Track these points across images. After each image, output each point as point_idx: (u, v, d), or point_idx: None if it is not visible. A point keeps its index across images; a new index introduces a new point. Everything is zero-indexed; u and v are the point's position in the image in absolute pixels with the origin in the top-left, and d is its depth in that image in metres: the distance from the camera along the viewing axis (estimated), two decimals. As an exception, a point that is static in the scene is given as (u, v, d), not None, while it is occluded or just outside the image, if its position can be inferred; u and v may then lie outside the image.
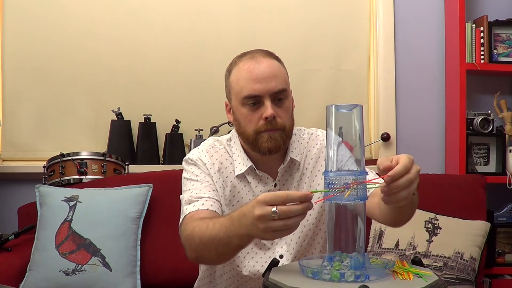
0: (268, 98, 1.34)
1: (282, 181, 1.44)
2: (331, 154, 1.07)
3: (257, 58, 1.37)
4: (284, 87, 1.37)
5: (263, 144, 1.35)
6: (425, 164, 2.71)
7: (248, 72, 1.34)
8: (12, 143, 2.62)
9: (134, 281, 2.01)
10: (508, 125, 2.65)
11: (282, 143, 1.37)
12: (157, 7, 2.68)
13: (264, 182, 1.43)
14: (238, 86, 1.36)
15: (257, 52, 1.39)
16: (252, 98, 1.34)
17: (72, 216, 2.02)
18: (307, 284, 0.98)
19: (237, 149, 1.44)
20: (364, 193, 1.05)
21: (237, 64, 1.39)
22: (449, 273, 2.01)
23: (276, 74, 1.36)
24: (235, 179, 1.43)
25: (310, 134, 1.52)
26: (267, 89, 1.33)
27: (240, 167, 1.42)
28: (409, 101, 2.77)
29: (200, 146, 1.49)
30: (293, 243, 1.44)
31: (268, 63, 1.36)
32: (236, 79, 1.37)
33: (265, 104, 1.33)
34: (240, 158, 1.43)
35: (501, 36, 2.65)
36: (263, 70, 1.34)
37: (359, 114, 1.08)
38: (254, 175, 1.43)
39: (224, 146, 1.47)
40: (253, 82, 1.33)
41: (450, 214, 2.16)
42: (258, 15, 2.72)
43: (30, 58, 2.62)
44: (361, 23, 2.78)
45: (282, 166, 1.42)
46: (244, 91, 1.34)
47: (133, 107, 2.63)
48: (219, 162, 1.44)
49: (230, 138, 1.49)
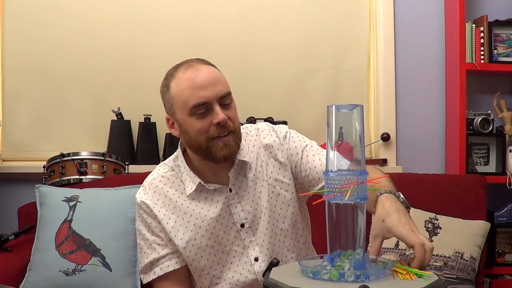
0: (216, 103, 1.31)
1: (237, 184, 1.42)
2: (331, 154, 1.07)
3: (194, 66, 1.33)
4: (229, 90, 1.35)
5: (218, 153, 1.33)
6: (425, 164, 2.73)
7: (191, 81, 1.31)
8: (12, 143, 2.62)
9: (134, 281, 2.01)
10: (508, 125, 2.65)
11: (237, 147, 1.36)
12: (157, 7, 2.68)
13: (218, 192, 1.41)
14: (182, 97, 1.31)
15: (192, 61, 1.36)
16: (200, 106, 1.30)
17: (72, 216, 2.02)
18: (307, 284, 0.98)
19: (185, 168, 1.42)
20: (364, 193, 1.05)
21: (174, 76, 1.34)
22: (449, 273, 2.01)
23: (218, 79, 1.34)
24: (187, 200, 1.42)
25: (257, 129, 1.49)
26: (214, 94, 1.31)
27: (190, 186, 1.40)
28: (409, 101, 2.77)
29: (144, 182, 1.48)
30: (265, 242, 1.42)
31: (207, 69, 1.34)
32: (178, 91, 1.32)
33: (214, 110, 1.31)
34: (189, 177, 1.41)
35: (501, 36, 2.65)
36: (205, 76, 1.31)
37: (359, 114, 1.08)
38: (206, 190, 1.41)
39: (171, 167, 1.46)
40: (198, 90, 1.30)
41: (450, 214, 2.16)
42: (258, 15, 2.72)
43: (30, 58, 2.62)
44: (361, 23, 2.78)
45: (232, 170, 1.40)
46: (191, 101, 1.30)
47: (133, 107, 2.63)
48: (164, 193, 1.43)
49: (177, 157, 1.46)
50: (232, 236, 1.42)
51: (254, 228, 1.42)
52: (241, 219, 1.42)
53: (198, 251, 1.41)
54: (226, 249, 1.42)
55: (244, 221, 1.42)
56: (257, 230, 1.42)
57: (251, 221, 1.42)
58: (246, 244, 1.42)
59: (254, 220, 1.42)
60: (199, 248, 1.41)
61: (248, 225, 1.42)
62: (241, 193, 1.42)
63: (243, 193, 1.42)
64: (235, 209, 1.42)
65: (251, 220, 1.42)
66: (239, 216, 1.42)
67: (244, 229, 1.42)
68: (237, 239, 1.42)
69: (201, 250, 1.41)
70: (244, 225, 1.42)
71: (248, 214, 1.42)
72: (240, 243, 1.42)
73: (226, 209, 1.41)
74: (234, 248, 1.43)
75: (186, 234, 1.40)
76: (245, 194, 1.42)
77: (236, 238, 1.42)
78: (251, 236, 1.42)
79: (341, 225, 1.06)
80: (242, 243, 1.42)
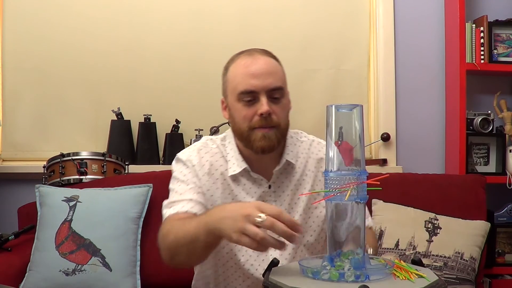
0: (264, 95, 1.32)
1: (278, 183, 1.43)
2: (331, 154, 1.07)
3: (254, 55, 1.36)
4: (281, 85, 1.36)
5: (256, 143, 1.33)
6: (425, 164, 2.73)
7: (245, 68, 1.34)
8: (12, 143, 2.62)
9: (134, 281, 2.01)
10: (508, 125, 2.65)
11: (277, 142, 1.35)
12: (157, 7, 2.68)
13: (258, 184, 1.41)
14: (234, 82, 1.36)
15: (255, 50, 1.39)
16: (248, 94, 1.33)
17: (72, 216, 2.02)
18: (307, 284, 0.98)
19: (232, 149, 1.42)
20: (364, 193, 1.05)
21: (234, 61, 1.39)
22: (449, 273, 2.01)
23: (273, 71, 1.35)
24: (227, 179, 1.41)
25: (312, 140, 1.51)
26: (263, 85, 1.32)
27: (234, 168, 1.40)
28: (409, 101, 2.77)
29: (192, 146, 1.47)
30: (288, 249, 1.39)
31: (265, 60, 1.35)
32: (233, 75, 1.37)
33: (260, 101, 1.32)
34: (235, 159, 1.41)
35: (501, 36, 2.65)
36: (260, 66, 1.33)
37: (359, 114, 1.08)
38: (248, 177, 1.41)
39: (218, 146, 1.45)
40: (249, 78, 1.32)
41: (450, 214, 2.16)
42: (258, 15, 2.72)
43: (30, 58, 2.62)
44: (361, 23, 2.78)
45: (277, 167, 1.41)
46: (240, 87, 1.33)
47: (133, 107, 2.63)
48: (209, 163, 1.42)
49: (225, 137, 1.47)
50: None
51: None
52: None
53: None
54: None
55: None
56: None
57: None
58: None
59: None
60: None
61: None
62: (278, 192, 1.42)
63: (280, 193, 1.42)
64: None
65: None
66: None
67: None
68: None
69: None
70: None
71: None
72: None
73: None
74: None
75: None
76: (282, 195, 1.42)
77: None
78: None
79: (341, 225, 1.06)
80: None
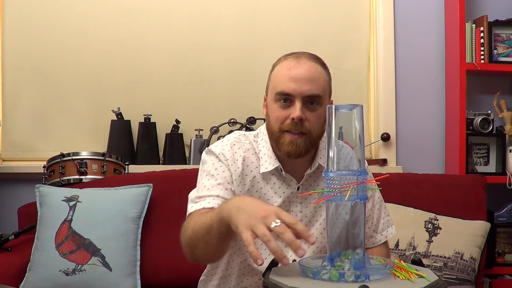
0: (300, 100, 1.32)
1: (306, 186, 1.42)
2: (331, 154, 1.07)
3: (300, 59, 1.36)
4: (320, 93, 1.34)
5: (284, 146, 1.33)
6: (425, 164, 2.73)
7: (287, 70, 1.34)
8: (12, 143, 2.62)
9: (134, 281, 2.01)
10: (508, 125, 2.65)
11: (304, 150, 1.34)
12: (157, 7, 2.68)
13: (287, 184, 1.41)
14: (275, 81, 1.37)
15: (304, 54, 1.38)
16: (283, 95, 1.33)
17: (72, 216, 2.02)
18: (307, 284, 0.98)
19: (264, 147, 1.42)
20: (364, 193, 1.05)
21: (281, 61, 1.40)
22: (449, 273, 2.01)
23: (313, 78, 1.34)
24: (258, 176, 1.41)
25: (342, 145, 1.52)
26: (300, 91, 1.32)
27: (266, 165, 1.39)
28: (409, 101, 2.77)
29: (225, 139, 1.46)
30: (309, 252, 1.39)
31: (309, 66, 1.35)
32: (275, 74, 1.38)
33: (295, 105, 1.32)
34: (267, 156, 1.40)
35: (501, 36, 2.65)
36: (302, 71, 1.33)
37: (359, 114, 1.08)
38: (278, 176, 1.41)
39: (250, 141, 1.45)
40: (288, 80, 1.33)
41: (450, 214, 2.16)
42: (258, 15, 2.72)
43: (30, 58, 2.62)
44: (361, 23, 2.78)
45: (309, 170, 1.40)
46: (278, 87, 1.34)
47: (133, 107, 2.63)
48: (242, 158, 1.41)
49: (258, 134, 1.47)
50: None
51: None
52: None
53: None
54: None
55: None
56: None
57: (305, 225, 1.41)
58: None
59: (307, 225, 1.41)
60: None
61: None
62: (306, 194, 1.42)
63: (307, 196, 1.41)
64: (295, 208, 1.41)
65: (304, 224, 1.41)
66: (296, 215, 1.41)
67: None
68: None
69: None
70: None
71: (305, 217, 1.41)
72: None
73: (287, 204, 1.41)
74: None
75: None
76: (309, 198, 1.42)
77: None
78: None
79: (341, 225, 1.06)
80: None
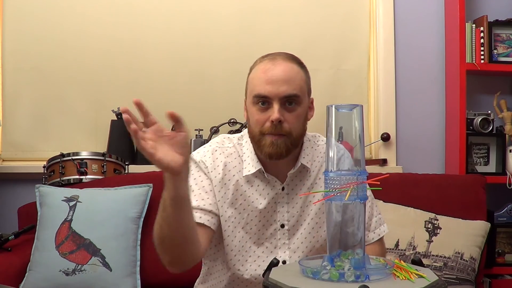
0: (278, 102, 1.32)
1: (291, 186, 1.43)
2: (331, 154, 1.07)
3: (276, 60, 1.36)
4: (297, 93, 1.35)
5: (265, 148, 1.34)
6: (425, 164, 2.73)
7: (263, 73, 1.34)
8: (12, 143, 2.62)
9: (134, 281, 2.01)
10: (508, 125, 2.65)
11: (285, 151, 1.34)
12: (157, 7, 2.68)
13: (271, 185, 1.41)
14: (252, 85, 1.37)
15: (279, 55, 1.38)
16: (261, 98, 1.33)
17: (72, 216, 2.02)
18: (307, 284, 0.98)
19: (248, 149, 1.43)
20: (364, 193, 1.05)
21: (257, 63, 1.40)
22: (449, 273, 2.01)
23: (290, 79, 1.34)
24: (241, 180, 1.41)
25: None
26: (277, 92, 1.32)
27: (249, 168, 1.40)
28: (409, 101, 2.77)
29: (207, 145, 1.47)
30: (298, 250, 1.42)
31: (285, 67, 1.35)
32: (252, 77, 1.38)
33: (273, 107, 1.32)
34: (250, 159, 1.41)
35: (501, 36, 2.65)
36: (277, 72, 1.33)
37: (359, 114, 1.08)
38: (262, 178, 1.41)
39: (234, 145, 1.45)
40: (265, 83, 1.33)
41: (450, 214, 2.16)
42: (258, 15, 2.72)
43: (30, 58, 2.62)
44: (361, 23, 2.78)
45: (292, 170, 1.40)
46: (255, 90, 1.34)
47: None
48: (223, 164, 1.42)
49: (242, 137, 1.47)
50: (268, 232, 1.42)
51: (292, 233, 1.42)
52: (283, 219, 1.42)
53: (234, 230, 1.41)
54: (259, 241, 1.42)
55: (285, 222, 1.42)
56: (294, 236, 1.42)
57: (292, 225, 1.42)
58: (278, 245, 1.42)
59: (295, 225, 1.42)
60: (236, 227, 1.41)
61: (288, 228, 1.42)
62: (291, 195, 1.42)
63: (293, 196, 1.42)
64: (281, 208, 1.42)
65: (292, 224, 1.42)
66: (283, 216, 1.42)
67: (283, 230, 1.42)
68: (272, 237, 1.42)
69: (235, 231, 1.41)
70: (284, 226, 1.42)
71: (292, 217, 1.42)
72: (274, 242, 1.42)
73: (273, 205, 1.42)
74: (266, 244, 1.42)
75: (230, 210, 1.40)
76: (295, 197, 1.42)
77: (272, 235, 1.42)
78: (286, 239, 1.42)
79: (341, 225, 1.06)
80: (275, 243, 1.42)
